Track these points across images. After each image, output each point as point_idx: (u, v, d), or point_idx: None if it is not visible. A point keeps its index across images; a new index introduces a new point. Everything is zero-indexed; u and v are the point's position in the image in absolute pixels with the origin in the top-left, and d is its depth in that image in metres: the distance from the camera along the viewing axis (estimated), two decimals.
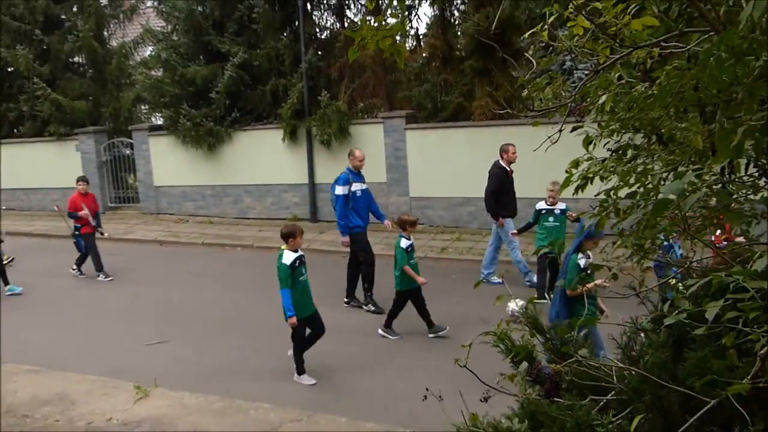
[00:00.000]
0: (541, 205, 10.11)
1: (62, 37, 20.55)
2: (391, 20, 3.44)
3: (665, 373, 2.27)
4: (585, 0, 3.21)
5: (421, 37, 17.77)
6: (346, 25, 17.85)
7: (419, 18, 17.56)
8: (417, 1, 16.56)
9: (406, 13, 15.85)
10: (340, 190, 10.66)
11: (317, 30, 17.89)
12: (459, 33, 16.78)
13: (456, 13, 17.17)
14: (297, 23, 16.69)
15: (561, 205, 9.97)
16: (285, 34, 17.43)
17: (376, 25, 3.29)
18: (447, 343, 8.82)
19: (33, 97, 19.95)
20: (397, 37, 3.37)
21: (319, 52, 17.37)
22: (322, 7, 17.86)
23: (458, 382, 3.00)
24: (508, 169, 11.11)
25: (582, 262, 6.98)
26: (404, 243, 9.17)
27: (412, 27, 17.44)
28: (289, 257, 7.83)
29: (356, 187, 10.83)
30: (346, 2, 17.76)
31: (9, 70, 20.71)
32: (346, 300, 10.75)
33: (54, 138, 20.07)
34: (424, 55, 17.63)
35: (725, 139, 2.28)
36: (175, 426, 6.94)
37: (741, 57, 2.11)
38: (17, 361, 8.87)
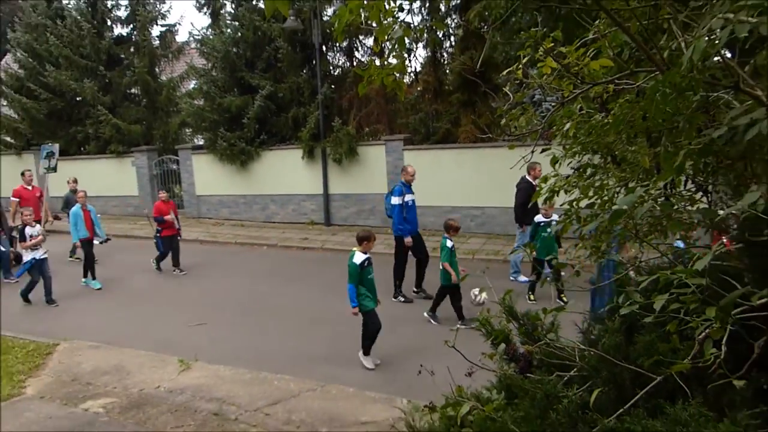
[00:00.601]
0: (539, 218, 9.89)
1: (121, 72, 20.58)
2: (393, 61, 3.44)
3: (619, 354, 2.26)
4: (552, 45, 3.21)
5: (416, 74, 17.79)
6: (355, 64, 17.87)
7: (416, 58, 17.53)
8: (414, 45, 16.57)
9: (406, 54, 15.88)
10: (395, 200, 10.31)
11: (331, 68, 17.90)
12: (448, 71, 16.80)
13: (445, 55, 17.19)
14: (314, 62, 16.69)
15: (555, 217, 9.84)
16: (304, 71, 17.44)
17: (380, 64, 3.28)
18: (438, 327, 8.79)
19: (97, 121, 19.94)
20: (397, 75, 3.37)
21: (333, 86, 17.37)
22: (335, 49, 17.86)
23: (447, 360, 2.99)
24: (534, 183, 10.95)
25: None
26: (449, 243, 8.95)
27: (410, 66, 17.47)
28: (359, 258, 7.56)
29: (408, 197, 10.51)
30: (355, 45, 17.78)
31: (78, 99, 20.72)
32: (414, 290, 10.55)
33: (114, 155, 20.09)
34: (419, 89, 17.66)
35: (669, 160, 2.27)
36: (212, 393, 6.92)
37: (682, 92, 2.11)
38: (83, 338, 8.88)
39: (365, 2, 2.89)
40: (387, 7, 2.95)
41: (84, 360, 8.09)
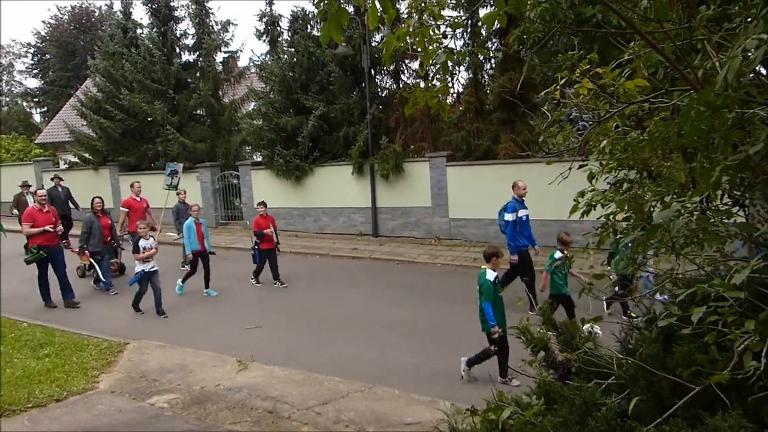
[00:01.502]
0: None
1: (188, 95, 21.07)
2: (437, 83, 3.43)
3: (657, 364, 2.17)
4: (588, 67, 3.16)
5: (459, 94, 17.71)
6: (401, 86, 17.92)
7: (458, 80, 17.46)
8: (456, 68, 16.52)
9: (449, 77, 15.82)
10: (509, 216, 9.78)
11: (379, 90, 17.99)
12: (488, 91, 16.69)
13: (486, 76, 17.08)
14: (363, 85, 16.82)
15: None
16: (354, 93, 17.57)
17: (425, 87, 3.28)
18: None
19: (166, 140, 20.43)
20: (441, 96, 3.35)
21: (380, 107, 17.45)
22: (382, 72, 17.95)
23: (489, 365, 2.93)
24: None
25: None
26: (557, 255, 8.40)
27: (452, 87, 17.40)
28: (491, 275, 6.93)
29: (522, 212, 10.01)
30: (402, 69, 17.84)
31: (149, 119, 21.23)
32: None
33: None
34: (460, 108, 17.55)
35: (705, 175, 2.20)
36: (267, 392, 6.96)
37: (717, 110, 2.04)
38: (150, 338, 9.05)
39: (411, 30, 2.89)
40: (432, 34, 2.94)
41: (151, 358, 8.24)
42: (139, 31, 22.35)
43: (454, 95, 17.67)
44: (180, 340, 8.92)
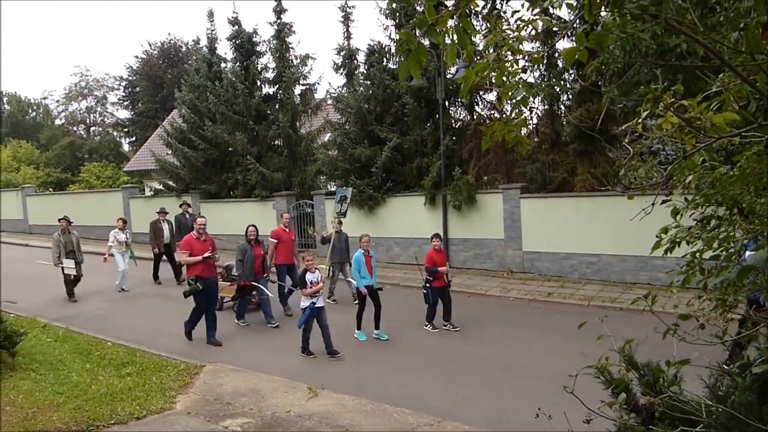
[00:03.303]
0: None
1: (267, 126, 21.79)
2: (514, 116, 3.41)
3: (752, 413, 2.04)
4: (673, 100, 3.07)
5: (535, 126, 17.53)
6: (475, 117, 17.92)
7: (537, 113, 17.29)
8: (534, 101, 16.38)
9: (527, 111, 15.67)
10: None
11: (452, 121, 18.04)
12: (565, 123, 16.44)
13: (563, 107, 16.86)
14: (437, 116, 16.91)
15: None
16: (428, 125, 17.69)
17: (500, 118, 3.27)
18: (554, 372, 8.40)
19: (245, 169, 21.16)
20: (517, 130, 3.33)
21: (454, 138, 17.47)
22: (456, 103, 18.03)
23: (565, 405, 2.84)
24: None
25: None
26: None
27: (530, 120, 17.25)
28: None
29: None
30: (476, 100, 17.86)
31: (230, 149, 22.08)
32: None
33: (258, 199, 21.15)
34: (536, 139, 17.37)
35: None
36: (335, 421, 6.97)
37: None
38: (226, 362, 9.27)
39: (490, 65, 2.90)
40: (509, 68, 2.94)
41: (225, 381, 8.44)
42: (223, 65, 23.45)
43: (530, 127, 17.50)
44: (253, 365, 9.09)
